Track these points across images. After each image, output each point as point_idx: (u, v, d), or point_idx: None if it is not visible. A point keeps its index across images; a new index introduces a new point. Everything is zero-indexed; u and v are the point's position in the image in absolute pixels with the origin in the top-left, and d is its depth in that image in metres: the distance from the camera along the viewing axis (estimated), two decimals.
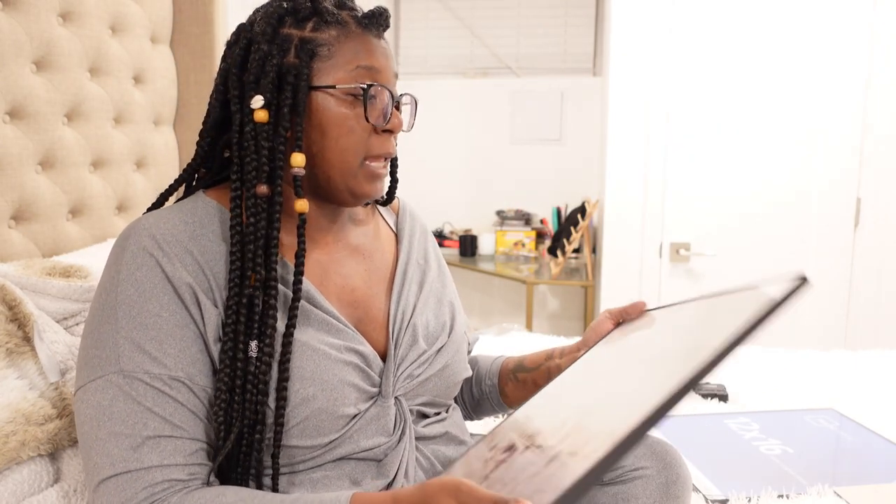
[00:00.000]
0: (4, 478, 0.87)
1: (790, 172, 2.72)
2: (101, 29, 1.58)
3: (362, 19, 0.84)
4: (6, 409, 0.91)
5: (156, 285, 0.76)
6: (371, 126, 0.83)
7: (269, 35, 0.81)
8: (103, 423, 0.73)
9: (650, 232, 2.83)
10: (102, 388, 0.74)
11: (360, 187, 0.84)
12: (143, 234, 0.78)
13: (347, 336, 0.85)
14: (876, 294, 2.73)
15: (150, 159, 1.78)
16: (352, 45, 0.82)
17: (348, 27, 0.83)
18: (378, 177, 0.85)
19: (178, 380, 0.74)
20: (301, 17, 0.82)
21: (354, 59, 0.82)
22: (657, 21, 2.70)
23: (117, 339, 0.75)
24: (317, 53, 0.81)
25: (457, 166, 3.82)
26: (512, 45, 3.75)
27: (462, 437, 0.97)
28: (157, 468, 0.72)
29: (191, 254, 0.79)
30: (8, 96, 1.31)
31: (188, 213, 0.82)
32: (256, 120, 0.80)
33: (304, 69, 0.80)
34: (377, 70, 0.83)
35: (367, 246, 0.95)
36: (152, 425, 0.72)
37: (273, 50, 0.80)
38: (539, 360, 1.06)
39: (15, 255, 1.32)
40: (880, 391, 1.65)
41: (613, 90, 2.78)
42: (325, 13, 0.82)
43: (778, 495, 1.15)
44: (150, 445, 0.72)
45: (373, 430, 0.84)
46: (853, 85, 2.64)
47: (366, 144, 0.83)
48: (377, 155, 0.84)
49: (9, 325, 1.01)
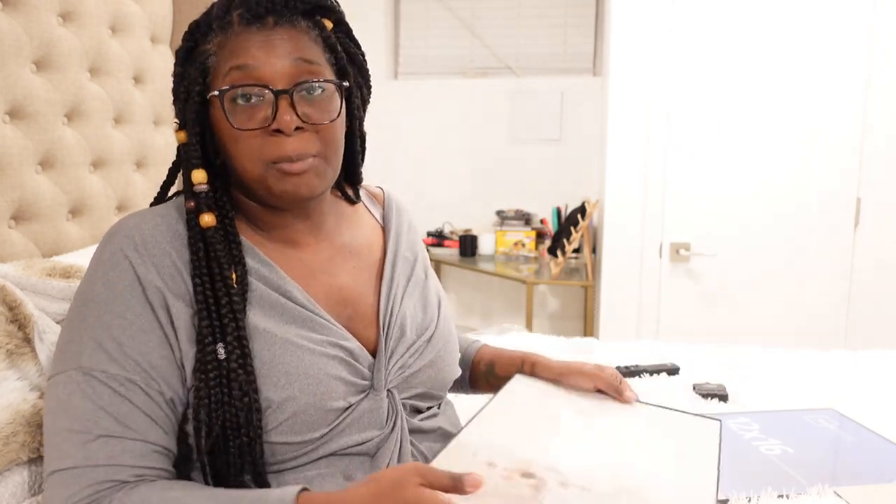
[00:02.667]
0: (5, 479, 0.87)
1: (790, 172, 2.72)
2: (101, 29, 1.58)
3: (244, 14, 0.79)
4: (7, 411, 0.91)
5: (125, 287, 0.77)
6: (260, 129, 0.78)
7: (181, 57, 0.83)
8: (59, 417, 0.74)
9: (650, 232, 2.83)
10: (63, 383, 0.75)
11: (276, 187, 0.80)
12: (123, 235, 0.80)
13: (331, 332, 0.85)
14: (876, 294, 2.73)
15: (150, 159, 1.78)
16: (230, 47, 0.79)
17: (232, 29, 0.79)
18: (290, 175, 0.79)
19: (133, 382, 0.75)
20: (203, 32, 0.82)
21: (228, 62, 0.79)
22: (657, 21, 2.70)
23: (82, 336, 0.76)
24: (206, 65, 0.81)
25: (457, 166, 3.82)
26: (512, 45, 3.75)
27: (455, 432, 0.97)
28: (104, 467, 0.72)
29: (169, 255, 0.79)
30: (8, 96, 1.31)
31: (172, 213, 0.83)
32: (178, 141, 0.83)
33: (195, 85, 0.80)
34: (251, 67, 0.77)
35: (353, 243, 0.94)
36: (104, 424, 0.73)
37: (185, 71, 0.82)
38: (510, 371, 1.06)
39: (15, 255, 1.32)
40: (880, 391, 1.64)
41: (613, 90, 2.78)
42: (214, 21, 0.81)
43: (778, 495, 1.15)
44: (99, 443, 0.73)
45: (365, 423, 0.84)
46: (853, 85, 2.64)
47: (260, 149, 0.78)
48: (277, 158, 0.78)
49: (9, 326, 1.01)
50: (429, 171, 3.79)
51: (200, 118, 0.82)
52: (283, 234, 0.88)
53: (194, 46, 0.82)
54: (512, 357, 1.09)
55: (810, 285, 2.77)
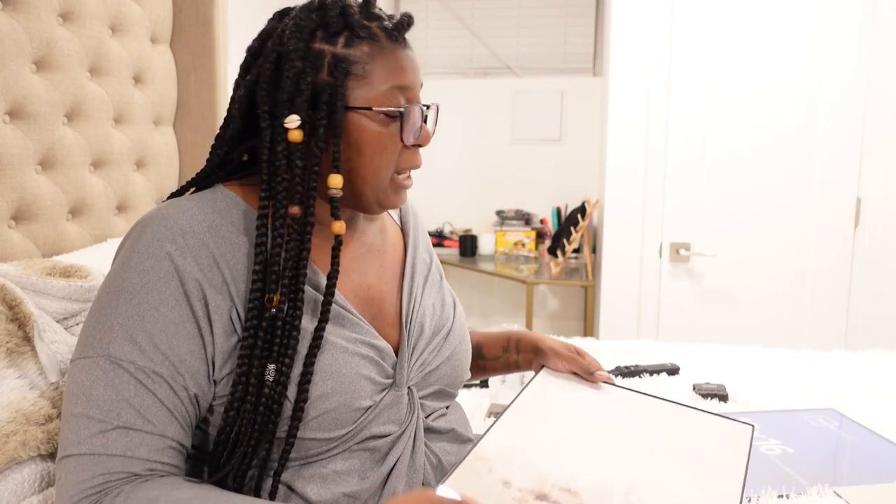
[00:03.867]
0: (5, 477, 0.87)
1: (790, 172, 2.72)
2: (101, 29, 1.58)
3: (392, 31, 0.82)
4: (7, 409, 0.91)
5: (161, 278, 0.76)
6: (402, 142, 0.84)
7: (301, 51, 0.78)
8: (80, 402, 0.74)
9: (650, 232, 2.83)
10: (88, 368, 0.75)
11: (388, 200, 0.86)
12: (161, 225, 0.78)
13: (363, 330, 0.86)
14: (876, 294, 2.73)
15: (150, 159, 1.78)
16: (385, 62, 0.81)
17: (380, 42, 0.81)
18: (405, 188, 0.87)
19: (160, 375, 0.75)
20: (332, 32, 0.80)
21: (389, 79, 0.81)
22: (657, 21, 2.70)
23: (113, 324, 0.75)
24: (351, 72, 0.79)
25: (457, 166, 3.82)
26: (512, 45, 3.76)
27: (467, 434, 0.98)
28: (119, 458, 0.72)
29: (207, 246, 0.79)
30: (8, 96, 1.31)
31: (208, 203, 0.82)
32: (290, 139, 0.78)
33: (340, 88, 0.78)
34: (409, 88, 0.83)
35: (380, 243, 0.96)
36: (125, 416, 0.73)
37: (307, 67, 0.78)
38: (496, 352, 1.11)
39: (15, 255, 1.32)
40: (880, 391, 1.65)
41: (613, 90, 2.78)
42: (356, 28, 0.80)
43: (778, 495, 1.15)
44: (118, 434, 0.73)
45: (385, 419, 0.85)
46: (853, 85, 2.64)
47: (397, 160, 0.84)
48: (406, 168, 0.86)
49: (9, 324, 1.01)
50: (429, 170, 3.79)
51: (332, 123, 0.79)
52: (324, 231, 0.87)
53: (311, 42, 0.80)
54: (497, 338, 1.12)
55: (810, 285, 2.77)
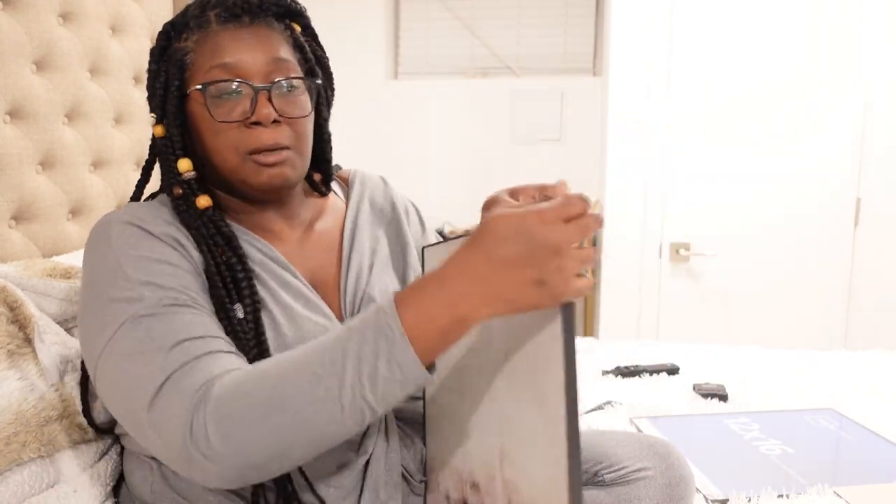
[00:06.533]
0: (6, 479, 0.87)
1: (790, 172, 2.72)
2: (101, 29, 1.58)
3: (222, 14, 0.85)
4: (7, 411, 0.91)
5: (140, 241, 0.80)
6: (239, 121, 0.83)
7: (156, 54, 0.88)
8: (128, 366, 0.72)
9: (650, 232, 2.83)
10: (116, 343, 0.73)
11: (252, 179, 0.85)
12: (120, 219, 0.82)
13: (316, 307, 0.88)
14: (876, 294, 2.73)
15: None
16: (210, 45, 0.84)
17: (209, 27, 0.85)
18: (265, 166, 0.84)
19: (182, 303, 0.76)
20: (178, 30, 0.87)
21: (210, 60, 0.84)
22: (657, 21, 2.70)
23: (132, 286, 0.75)
24: (184, 62, 0.85)
25: (457, 166, 3.82)
26: (512, 45, 3.75)
27: None
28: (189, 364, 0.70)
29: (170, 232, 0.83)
30: (8, 96, 1.31)
31: (156, 206, 0.87)
32: (155, 135, 0.88)
33: (175, 80, 0.85)
34: (232, 65, 0.83)
35: (322, 226, 0.97)
36: (171, 337, 0.72)
37: (160, 68, 0.87)
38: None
39: (15, 255, 1.32)
40: (880, 391, 1.65)
41: (613, 90, 2.78)
42: (191, 19, 0.86)
43: (778, 495, 1.15)
44: (179, 347, 0.72)
45: None
46: (853, 85, 2.64)
47: (238, 140, 0.83)
48: (255, 149, 0.83)
49: (10, 326, 1.01)
50: (429, 171, 3.79)
51: (179, 113, 0.86)
52: (259, 223, 0.91)
53: (168, 45, 0.87)
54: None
55: (810, 285, 2.77)
